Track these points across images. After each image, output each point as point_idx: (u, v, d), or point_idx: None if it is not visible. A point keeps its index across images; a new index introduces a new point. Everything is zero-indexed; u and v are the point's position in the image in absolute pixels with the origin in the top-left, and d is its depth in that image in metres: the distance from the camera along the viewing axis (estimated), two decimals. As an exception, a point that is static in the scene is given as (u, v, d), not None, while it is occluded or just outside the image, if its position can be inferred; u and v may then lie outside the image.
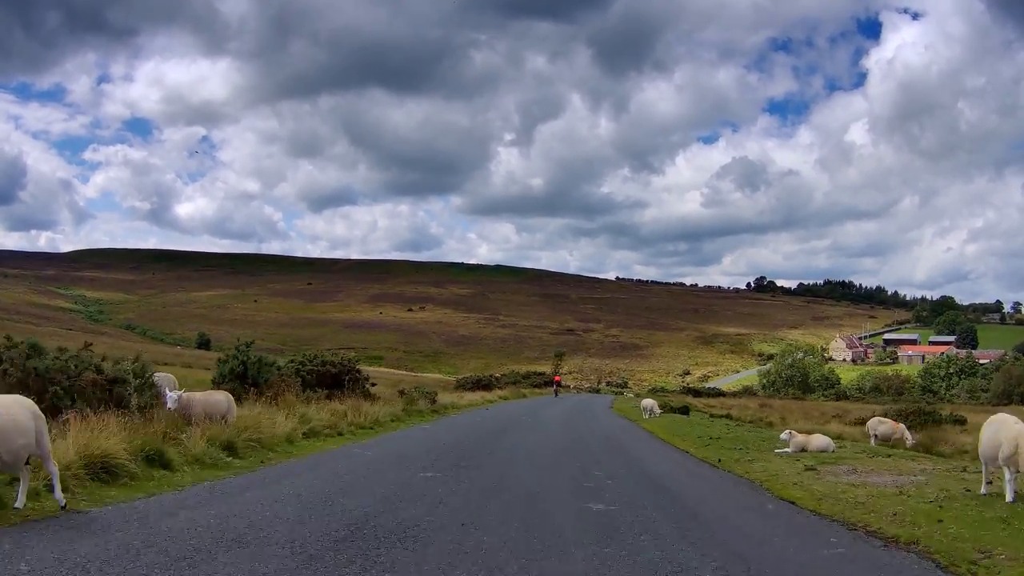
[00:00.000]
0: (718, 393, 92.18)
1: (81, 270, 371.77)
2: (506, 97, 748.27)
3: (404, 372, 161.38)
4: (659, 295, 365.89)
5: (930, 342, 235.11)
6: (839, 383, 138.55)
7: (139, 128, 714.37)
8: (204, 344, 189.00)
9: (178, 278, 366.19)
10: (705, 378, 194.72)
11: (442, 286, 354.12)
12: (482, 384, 72.46)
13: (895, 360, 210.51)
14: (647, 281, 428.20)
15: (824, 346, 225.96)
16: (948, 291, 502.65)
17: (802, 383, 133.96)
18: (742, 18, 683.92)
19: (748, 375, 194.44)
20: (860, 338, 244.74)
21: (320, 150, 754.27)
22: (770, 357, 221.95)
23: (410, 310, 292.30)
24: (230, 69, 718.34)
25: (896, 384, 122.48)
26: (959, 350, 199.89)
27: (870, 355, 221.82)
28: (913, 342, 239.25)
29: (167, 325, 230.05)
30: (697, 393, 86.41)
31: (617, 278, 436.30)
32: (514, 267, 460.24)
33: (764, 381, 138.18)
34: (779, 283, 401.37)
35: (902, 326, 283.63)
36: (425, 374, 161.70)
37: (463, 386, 70.60)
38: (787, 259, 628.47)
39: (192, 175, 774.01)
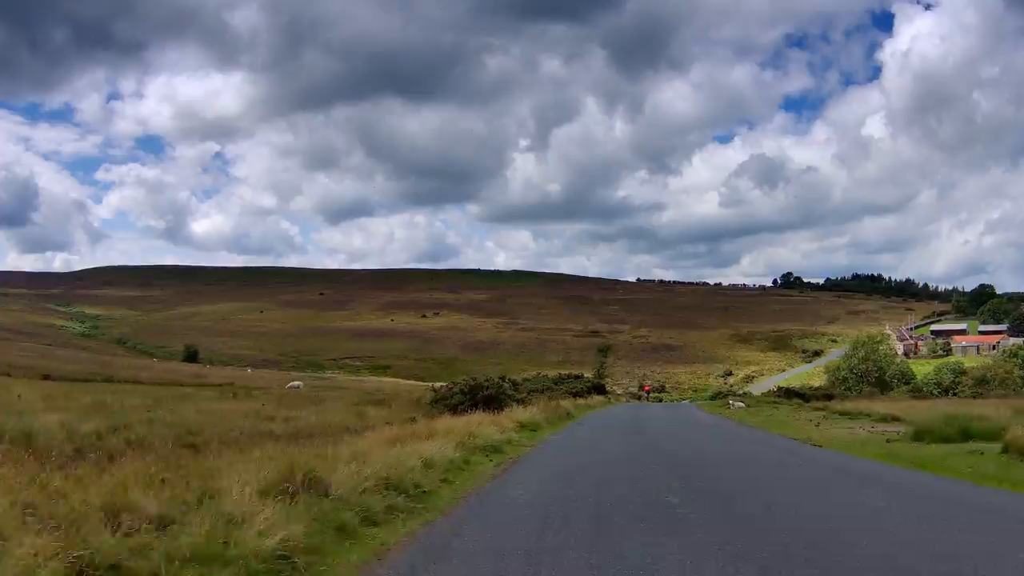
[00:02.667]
0: (824, 395, 67.72)
1: (89, 288, 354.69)
2: (521, 102, 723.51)
3: (414, 381, 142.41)
4: (684, 294, 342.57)
5: (980, 331, 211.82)
6: (915, 378, 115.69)
7: (151, 146, 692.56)
8: (191, 356, 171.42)
9: (187, 293, 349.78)
10: (750, 378, 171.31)
11: (458, 292, 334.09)
12: (482, 397, 36.26)
13: (948, 351, 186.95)
14: (669, 281, 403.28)
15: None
16: (966, 284, 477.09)
17: (879, 379, 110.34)
18: (758, 14, 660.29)
19: (795, 373, 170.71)
20: (908, 329, 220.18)
21: (336, 162, 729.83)
22: (816, 353, 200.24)
23: (424, 316, 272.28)
24: (243, 82, 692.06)
25: (1001, 376, 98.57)
26: (1013, 338, 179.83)
27: (920, 347, 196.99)
28: (962, 332, 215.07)
29: (163, 338, 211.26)
30: (803, 397, 62.61)
31: (638, 279, 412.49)
32: (531, 271, 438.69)
33: (834, 378, 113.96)
34: (805, 279, 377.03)
35: (942, 317, 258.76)
36: (437, 383, 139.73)
37: (445, 401, 36.83)
38: (806, 257, 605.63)
39: (207, 191, 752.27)
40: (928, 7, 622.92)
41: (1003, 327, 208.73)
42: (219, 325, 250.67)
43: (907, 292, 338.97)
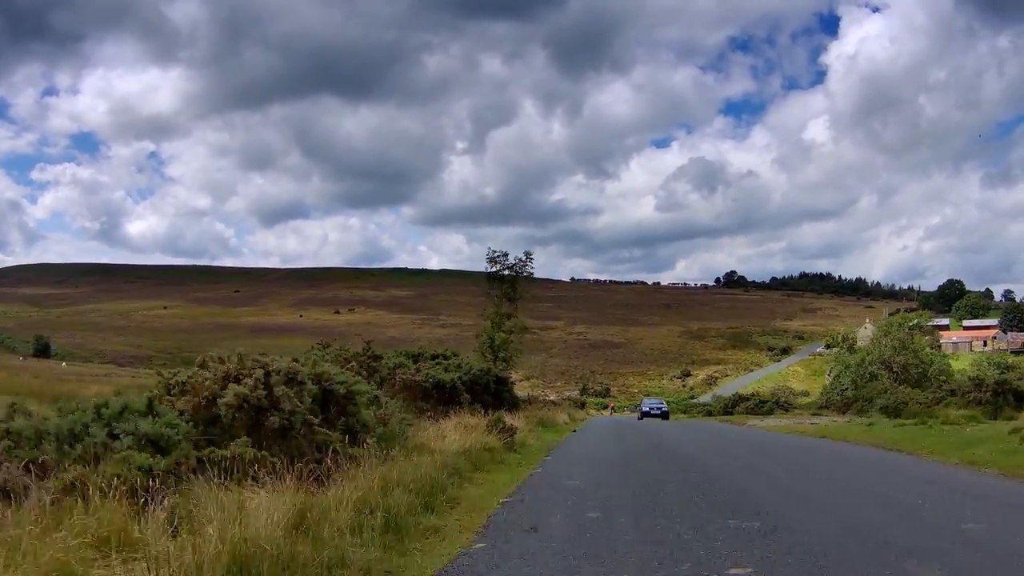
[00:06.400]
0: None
1: (3, 286, 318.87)
2: (459, 103, 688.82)
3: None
4: (622, 292, 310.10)
5: (964, 327, 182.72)
6: (951, 376, 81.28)
7: (86, 144, 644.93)
8: (42, 351, 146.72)
9: (101, 291, 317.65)
10: (712, 379, 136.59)
11: (381, 289, 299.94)
12: None
13: (938, 347, 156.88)
14: (605, 281, 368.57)
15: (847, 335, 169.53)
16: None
17: (920, 375, 75.61)
18: (704, 15, 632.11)
19: (768, 373, 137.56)
20: None
21: (272, 162, 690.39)
22: (784, 351, 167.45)
23: (336, 312, 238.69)
24: (180, 78, 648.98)
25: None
26: (1005, 334, 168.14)
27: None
28: (945, 327, 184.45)
29: (40, 334, 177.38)
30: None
31: (572, 279, 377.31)
32: (461, 270, 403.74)
33: (856, 375, 78.29)
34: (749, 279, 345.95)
35: (908, 314, 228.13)
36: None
37: None
38: (742, 262, 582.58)
39: (142, 192, 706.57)
40: (876, 10, 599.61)
41: (992, 322, 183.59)
42: (113, 321, 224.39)
43: (860, 291, 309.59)
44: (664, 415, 63.25)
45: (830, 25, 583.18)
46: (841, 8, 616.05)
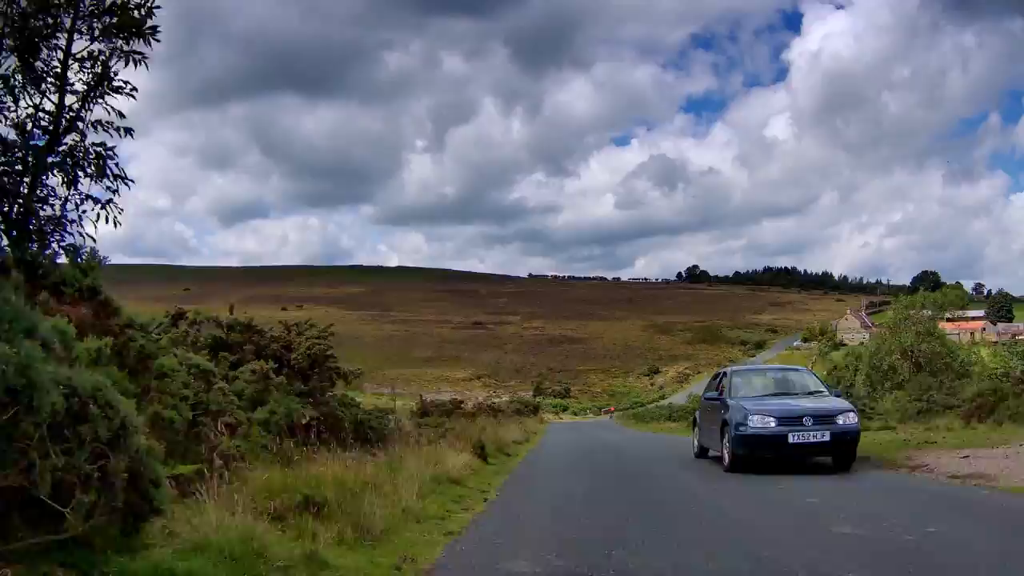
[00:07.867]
0: None
1: None
2: (419, 101, 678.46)
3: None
4: (581, 288, 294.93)
5: (947, 319, 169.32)
6: (973, 367, 65.97)
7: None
8: None
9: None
10: (684, 377, 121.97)
11: (335, 287, 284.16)
12: None
13: None
14: (564, 277, 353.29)
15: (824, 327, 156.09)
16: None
17: (946, 368, 59.64)
18: (667, 12, 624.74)
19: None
20: (867, 315, 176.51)
21: (232, 161, 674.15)
22: (758, 345, 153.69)
23: (283, 309, 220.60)
24: (138, 76, 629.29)
25: None
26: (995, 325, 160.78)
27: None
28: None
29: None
30: None
31: (530, 275, 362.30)
32: (418, 267, 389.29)
33: (869, 367, 62.89)
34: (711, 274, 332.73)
35: (883, 307, 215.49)
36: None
37: None
38: (702, 260, 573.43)
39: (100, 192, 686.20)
40: (839, 7, 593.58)
41: (978, 313, 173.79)
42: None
43: (827, 285, 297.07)
44: (846, 444, 13.93)
45: (793, 22, 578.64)
46: (804, 5, 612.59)
